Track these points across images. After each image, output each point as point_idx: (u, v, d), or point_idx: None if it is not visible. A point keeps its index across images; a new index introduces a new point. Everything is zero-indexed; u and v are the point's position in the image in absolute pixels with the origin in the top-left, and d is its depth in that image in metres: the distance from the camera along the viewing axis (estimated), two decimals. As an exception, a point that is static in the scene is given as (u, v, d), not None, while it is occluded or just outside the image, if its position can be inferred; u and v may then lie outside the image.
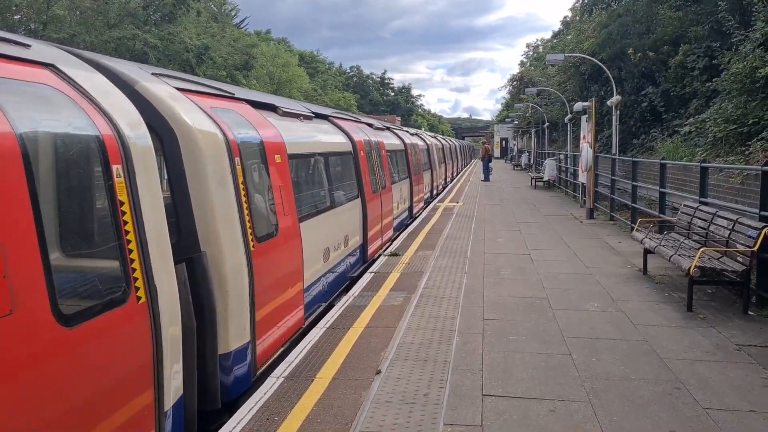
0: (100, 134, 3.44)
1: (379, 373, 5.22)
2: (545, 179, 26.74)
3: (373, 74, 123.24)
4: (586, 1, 32.48)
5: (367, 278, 8.86)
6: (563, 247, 11.56)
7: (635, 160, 14.30)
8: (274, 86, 56.36)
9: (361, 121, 13.06)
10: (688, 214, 9.01)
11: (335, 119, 10.37)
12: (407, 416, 4.40)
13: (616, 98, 16.98)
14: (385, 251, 11.08)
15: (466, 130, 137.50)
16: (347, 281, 9.01)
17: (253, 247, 5.18)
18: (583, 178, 17.22)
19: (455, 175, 36.96)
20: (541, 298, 7.79)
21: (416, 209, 17.72)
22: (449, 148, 35.66)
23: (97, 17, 34.54)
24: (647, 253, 9.07)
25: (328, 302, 7.84)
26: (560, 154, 27.81)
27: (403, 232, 13.58)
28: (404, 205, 15.71)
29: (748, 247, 6.93)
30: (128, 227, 3.47)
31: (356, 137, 10.57)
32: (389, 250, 11.18)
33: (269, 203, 5.87)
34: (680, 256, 7.67)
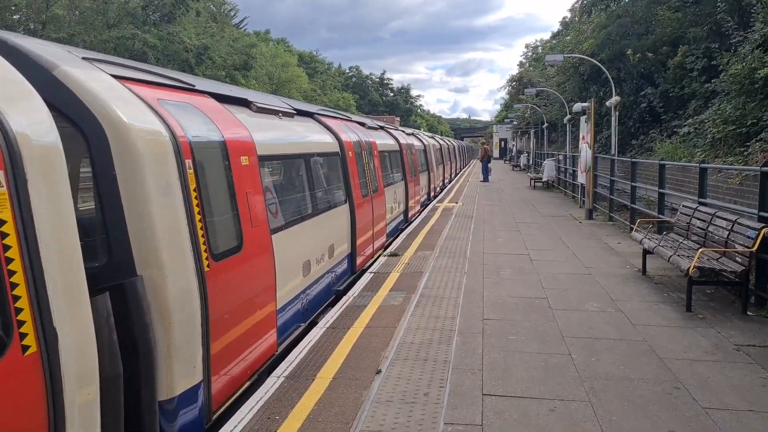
0: None
1: (379, 372, 5.23)
2: (544, 180, 26.78)
3: (372, 75, 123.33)
4: (585, 1, 32.54)
5: (367, 278, 8.87)
6: (562, 247, 11.58)
7: (634, 160, 14.32)
8: (273, 86, 56.40)
9: (351, 119, 12.20)
10: (687, 214, 9.03)
11: (321, 117, 9.54)
12: (408, 415, 4.41)
13: (615, 99, 17.01)
14: (377, 259, 10.51)
15: (465, 130, 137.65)
16: (333, 295, 8.28)
17: (208, 266, 4.40)
18: (582, 178, 17.25)
19: (453, 176, 36.65)
20: (540, 298, 7.81)
21: (412, 213, 16.96)
22: (447, 148, 34.94)
23: (96, 17, 34.53)
24: (646, 253, 9.09)
25: (309, 321, 7.12)
26: (559, 154, 27.85)
27: (397, 237, 13.01)
28: (399, 209, 14.89)
29: (746, 247, 6.95)
30: (11, 252, 2.69)
31: (344, 137, 9.81)
32: (388, 250, 11.19)
33: (232, 213, 5.09)
34: (679, 256, 7.69)
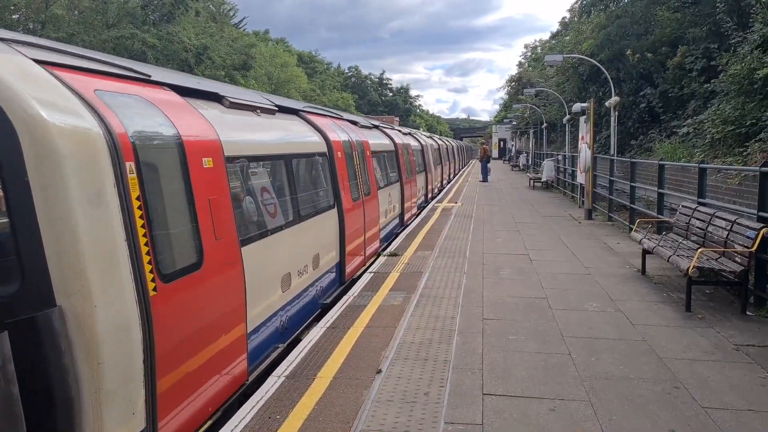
0: None
1: (379, 372, 5.24)
2: (543, 180, 26.81)
3: (371, 75, 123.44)
4: (584, 2, 32.56)
5: (366, 278, 8.88)
6: (562, 247, 11.59)
7: (634, 161, 14.33)
8: (272, 86, 56.41)
9: (342, 117, 11.41)
10: (686, 214, 9.05)
11: (308, 115, 8.83)
12: (408, 415, 4.42)
13: (614, 99, 17.03)
14: (369, 267, 9.93)
15: (464, 130, 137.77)
16: (318, 309, 7.62)
17: (154, 289, 3.69)
18: (581, 178, 17.26)
19: (452, 177, 36.44)
20: (540, 298, 7.82)
21: (408, 216, 16.19)
22: (446, 148, 34.40)
23: (95, 17, 34.54)
24: (646, 253, 9.11)
25: (290, 340, 6.45)
26: (558, 154, 27.87)
27: (393, 242, 12.44)
28: (394, 212, 14.15)
29: (746, 247, 6.97)
30: None
31: (333, 136, 9.09)
32: (387, 251, 11.19)
33: (188, 224, 4.33)
34: (679, 256, 7.70)
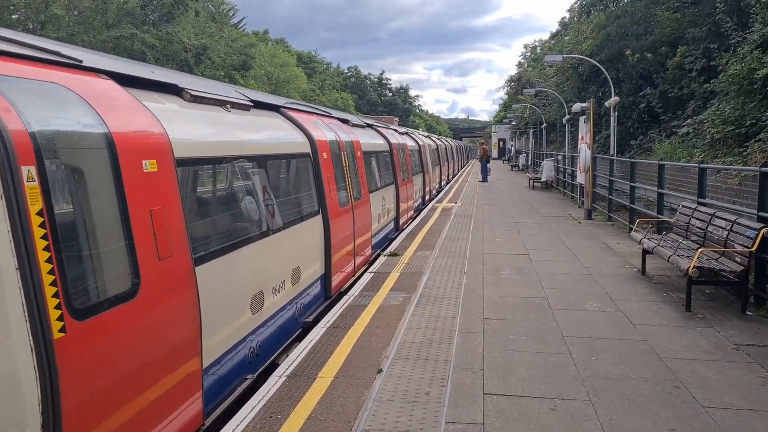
0: None
1: (380, 371, 5.25)
2: (543, 180, 26.83)
3: (370, 75, 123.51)
4: (584, 2, 32.58)
5: (367, 278, 8.89)
6: (562, 247, 11.60)
7: (633, 161, 14.35)
8: (272, 86, 56.45)
9: (331, 115, 10.62)
10: (686, 214, 9.06)
11: (290, 111, 8.09)
12: (409, 414, 4.43)
13: (614, 99, 17.04)
14: (359, 277, 9.17)
15: (463, 130, 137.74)
16: (299, 328, 6.91)
17: (62, 329, 2.97)
18: (581, 178, 17.28)
19: (451, 177, 36.19)
20: (540, 298, 7.83)
21: (404, 220, 15.41)
22: (445, 148, 33.85)
23: (95, 17, 34.55)
24: (646, 253, 9.12)
25: (263, 368, 5.73)
26: (558, 154, 27.88)
27: (387, 247, 11.71)
28: (388, 216, 13.38)
29: (746, 247, 6.98)
30: None
31: (318, 135, 8.31)
32: (387, 251, 11.19)
33: (119, 242, 3.53)
34: (679, 256, 7.71)
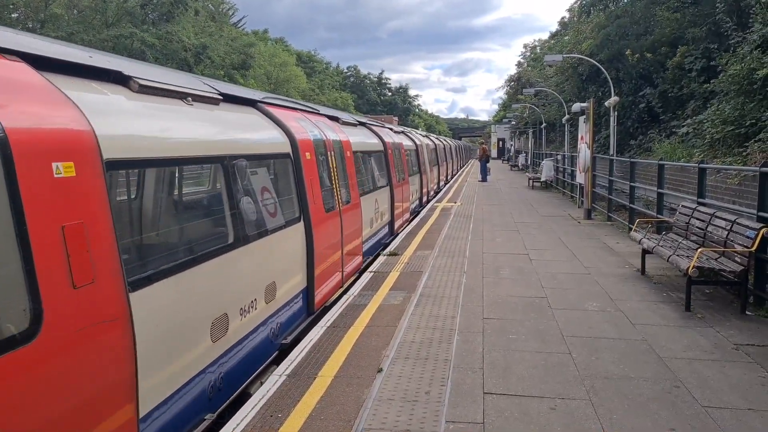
0: None
1: (380, 371, 5.25)
2: (543, 180, 26.84)
3: (370, 74, 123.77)
4: (584, 2, 32.58)
5: (366, 277, 8.89)
6: (561, 247, 11.61)
7: (633, 160, 14.35)
8: (271, 85, 56.44)
9: (319, 112, 9.68)
10: (686, 214, 9.07)
11: (268, 107, 7.24)
12: (409, 414, 4.43)
13: (613, 99, 17.05)
14: (347, 289, 8.44)
15: (463, 130, 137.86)
16: (275, 351, 6.17)
17: None
18: (580, 178, 17.28)
19: (450, 177, 35.88)
20: (540, 297, 7.83)
21: (399, 224, 14.56)
22: (444, 148, 33.29)
23: (95, 16, 34.55)
24: (645, 253, 9.12)
25: (227, 403, 5.00)
26: (558, 154, 27.90)
27: (380, 254, 10.97)
28: (381, 220, 12.61)
29: (745, 247, 6.99)
30: None
31: (300, 133, 7.46)
32: (387, 250, 11.19)
33: (11, 269, 2.82)
34: (678, 256, 7.72)
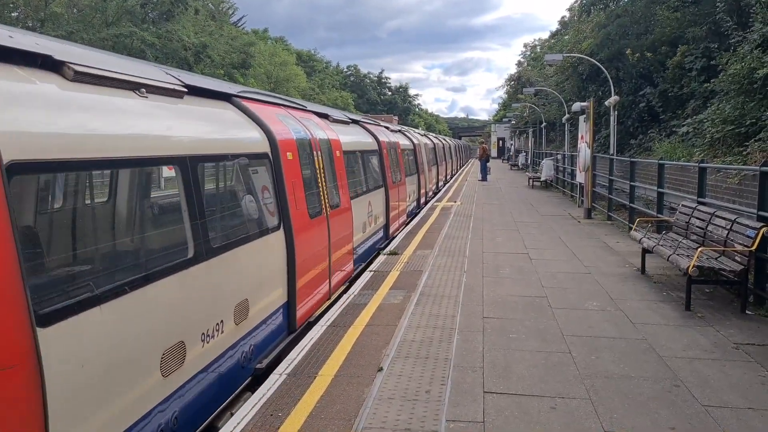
0: None
1: (380, 370, 5.25)
2: (542, 179, 26.84)
3: (370, 73, 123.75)
4: (584, 1, 32.58)
5: (366, 276, 8.89)
6: (561, 246, 11.61)
7: (633, 160, 14.35)
8: (271, 84, 56.40)
9: (306, 109, 8.97)
10: (686, 214, 9.07)
11: (245, 101, 6.52)
12: (410, 413, 4.43)
13: (613, 98, 17.04)
14: (335, 301, 7.76)
15: (463, 129, 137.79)
16: (249, 376, 5.50)
17: None
18: (580, 178, 17.28)
19: (449, 178, 35.37)
20: (540, 297, 7.83)
21: (395, 227, 13.87)
22: (443, 147, 32.69)
23: (94, 15, 34.54)
24: (645, 252, 9.12)
25: None
26: (558, 154, 27.90)
27: (373, 261, 10.34)
28: (375, 224, 11.86)
29: (746, 246, 6.98)
30: None
31: (280, 131, 6.73)
32: (387, 249, 11.18)
33: None
34: (678, 255, 7.71)
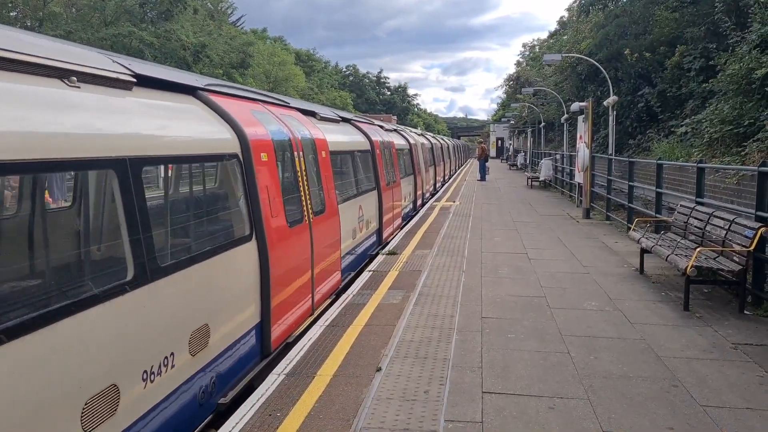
0: None
1: (379, 370, 5.25)
2: (541, 179, 26.85)
3: (369, 73, 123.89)
4: (583, 1, 32.61)
5: (365, 276, 8.89)
6: (560, 246, 11.62)
7: (632, 160, 14.36)
8: (270, 84, 56.39)
9: (288, 105, 8.20)
10: (684, 214, 9.08)
11: (213, 95, 5.70)
12: (408, 413, 4.43)
13: (612, 98, 17.05)
14: (323, 314, 7.07)
15: (462, 129, 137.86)
16: (211, 413, 4.79)
17: None
18: (579, 178, 17.29)
19: (447, 178, 35.08)
20: (539, 296, 7.84)
21: (388, 232, 13.11)
22: (440, 147, 32.13)
23: (93, 14, 34.52)
24: (644, 252, 9.13)
25: None
26: (556, 154, 27.92)
27: (366, 267, 9.76)
28: (367, 229, 11.14)
29: (744, 246, 6.99)
30: None
31: (253, 129, 5.94)
32: (386, 249, 11.18)
33: None
34: (677, 255, 7.72)
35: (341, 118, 11.66)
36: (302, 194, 7.13)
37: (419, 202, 19.68)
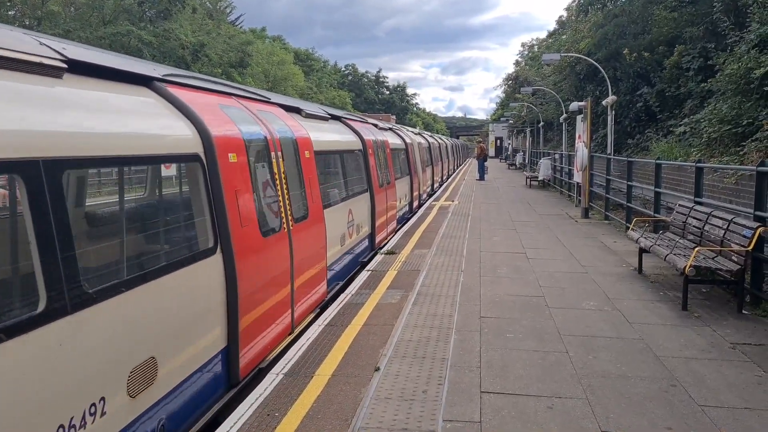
0: None
1: (378, 370, 5.24)
2: (540, 178, 26.86)
3: (368, 73, 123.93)
4: (582, 1, 32.62)
5: (364, 276, 8.89)
6: (559, 246, 11.62)
7: (630, 159, 14.37)
8: (269, 83, 56.37)
9: (269, 100, 7.58)
10: (683, 213, 9.08)
11: (174, 88, 5.08)
12: (407, 412, 4.43)
13: (611, 98, 17.05)
14: (305, 331, 6.46)
15: (460, 129, 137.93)
16: None
17: None
18: (578, 177, 17.30)
19: (445, 178, 34.63)
20: (537, 296, 7.84)
21: (381, 237, 12.42)
22: (439, 147, 31.32)
23: (92, 13, 34.47)
24: (642, 252, 9.14)
25: None
26: (555, 153, 27.92)
27: (358, 273, 9.27)
28: (358, 235, 10.42)
29: (742, 246, 7.00)
30: None
31: (219, 127, 5.22)
32: (385, 248, 11.17)
33: None
34: (675, 255, 7.73)
35: (330, 115, 10.86)
36: (280, 199, 6.43)
37: (416, 203, 19.16)
